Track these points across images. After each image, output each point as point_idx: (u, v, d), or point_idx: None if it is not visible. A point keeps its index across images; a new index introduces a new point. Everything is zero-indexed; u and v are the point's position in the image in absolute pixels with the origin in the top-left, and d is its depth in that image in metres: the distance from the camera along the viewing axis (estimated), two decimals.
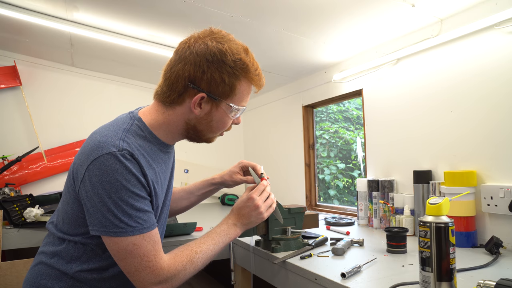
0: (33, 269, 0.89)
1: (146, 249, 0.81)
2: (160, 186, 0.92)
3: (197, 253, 0.89)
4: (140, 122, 0.89)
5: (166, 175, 0.97)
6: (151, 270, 0.81)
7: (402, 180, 1.76)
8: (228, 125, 0.95)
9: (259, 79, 0.92)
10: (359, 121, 3.40)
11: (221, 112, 0.90)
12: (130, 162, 0.80)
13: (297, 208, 1.35)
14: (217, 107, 0.89)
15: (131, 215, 0.79)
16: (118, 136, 0.82)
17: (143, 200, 0.83)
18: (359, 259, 1.17)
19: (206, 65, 0.84)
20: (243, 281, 1.54)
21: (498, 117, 1.36)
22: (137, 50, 2.16)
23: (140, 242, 0.80)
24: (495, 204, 1.32)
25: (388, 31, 1.71)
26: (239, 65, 0.86)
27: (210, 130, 0.93)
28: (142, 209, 0.82)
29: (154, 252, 0.82)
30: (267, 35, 1.84)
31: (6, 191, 2.02)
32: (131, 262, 0.80)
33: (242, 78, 0.88)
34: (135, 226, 0.80)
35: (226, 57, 0.84)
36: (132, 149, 0.82)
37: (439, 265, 0.80)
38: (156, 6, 1.64)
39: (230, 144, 3.36)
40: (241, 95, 0.90)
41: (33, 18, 1.84)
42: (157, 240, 0.84)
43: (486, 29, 1.39)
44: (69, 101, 2.68)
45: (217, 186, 1.22)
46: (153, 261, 0.81)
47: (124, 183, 0.78)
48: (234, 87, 0.88)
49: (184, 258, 0.87)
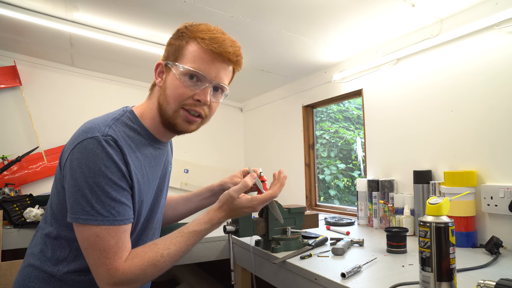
0: (22, 271, 0.87)
1: (108, 244, 0.76)
2: (145, 180, 0.89)
3: (163, 256, 0.82)
4: (131, 114, 0.90)
5: (155, 172, 0.94)
6: (107, 268, 0.76)
7: (402, 180, 1.76)
8: (182, 92, 0.85)
9: (209, 39, 0.84)
10: (359, 121, 3.40)
11: (171, 76, 0.86)
12: (113, 148, 0.78)
13: (297, 208, 1.35)
14: (169, 71, 0.88)
15: (104, 203, 0.76)
16: (106, 124, 0.82)
17: (121, 191, 0.79)
18: (359, 259, 1.17)
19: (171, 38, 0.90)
20: (243, 281, 1.54)
21: (498, 117, 1.36)
22: (137, 50, 2.16)
23: (104, 235, 0.76)
24: (495, 204, 1.32)
25: (388, 31, 1.71)
26: (192, 29, 0.87)
27: (166, 100, 0.87)
28: (118, 200, 0.78)
29: (116, 249, 0.77)
30: (267, 35, 1.84)
31: (6, 191, 2.02)
32: (91, 254, 0.77)
33: (189, 40, 0.87)
34: (106, 216, 0.76)
35: (184, 26, 0.89)
36: (117, 136, 0.81)
37: (439, 265, 0.80)
38: (156, 6, 1.64)
39: (230, 144, 3.36)
40: (190, 55, 0.85)
41: (33, 18, 1.84)
42: (123, 237, 0.79)
43: (486, 29, 1.39)
44: (69, 101, 2.68)
45: (216, 192, 1.19)
46: (111, 258, 0.76)
47: (102, 168, 0.76)
48: (181, 47, 0.87)
49: (145, 261, 0.80)
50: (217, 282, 2.32)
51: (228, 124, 3.35)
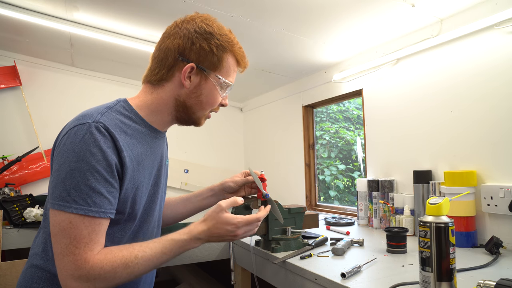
0: (25, 273, 0.86)
1: (81, 233, 0.72)
2: (141, 168, 0.86)
3: (137, 258, 0.76)
4: (126, 103, 0.89)
5: (152, 161, 0.92)
6: (74, 258, 0.71)
7: (402, 180, 1.76)
8: (217, 100, 0.93)
9: (243, 57, 0.94)
10: (359, 121, 3.40)
11: (210, 85, 0.89)
12: (103, 135, 0.77)
13: (297, 208, 1.35)
14: (206, 79, 0.89)
15: (82, 191, 0.73)
16: (98, 111, 0.82)
17: (103, 181, 0.75)
18: (359, 259, 1.17)
19: (195, 36, 0.86)
20: (243, 281, 1.54)
21: (498, 117, 1.36)
22: (137, 50, 2.16)
23: (77, 223, 0.72)
24: (495, 204, 1.32)
25: (388, 31, 1.71)
26: (225, 39, 0.89)
27: (200, 105, 0.90)
28: (97, 190, 0.74)
29: (88, 240, 0.73)
30: (267, 35, 1.84)
31: (6, 191, 2.02)
32: (60, 241, 0.72)
33: (228, 52, 0.90)
34: (81, 205, 0.72)
35: (213, 29, 0.88)
36: (109, 123, 0.80)
37: (439, 265, 0.80)
38: (156, 6, 1.64)
39: (230, 144, 3.36)
40: (228, 69, 0.90)
41: (33, 18, 1.84)
42: (98, 230, 0.75)
43: (486, 29, 1.39)
44: (69, 101, 2.68)
45: (217, 191, 1.19)
46: (80, 249, 0.72)
47: (87, 154, 0.74)
48: (221, 59, 0.89)
49: (118, 259, 0.75)
50: (217, 282, 2.32)
51: (228, 124, 3.35)
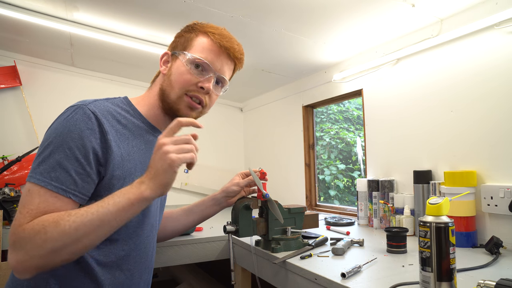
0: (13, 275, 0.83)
1: (31, 201, 0.71)
2: (133, 159, 0.86)
3: (70, 215, 0.69)
4: (125, 100, 0.94)
5: (146, 159, 0.90)
6: (15, 223, 0.70)
7: (402, 180, 1.76)
8: (187, 78, 0.89)
9: (218, 34, 0.92)
10: (359, 121, 3.40)
11: (178, 63, 0.92)
12: (86, 116, 0.79)
13: (297, 208, 1.35)
14: (176, 59, 0.93)
15: (49, 165, 0.73)
16: (94, 99, 0.86)
17: (73, 160, 0.74)
18: (359, 259, 1.17)
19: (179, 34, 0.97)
20: (243, 281, 1.54)
21: (498, 117, 1.36)
22: (137, 50, 2.16)
23: (33, 192, 0.72)
24: (495, 204, 1.32)
25: (388, 31, 1.71)
26: (200, 24, 0.95)
27: (171, 85, 0.91)
28: (64, 166, 0.73)
29: (35, 210, 0.70)
30: (267, 35, 1.84)
31: (6, 191, 2.02)
32: (18, 206, 0.73)
33: (198, 32, 0.94)
34: (44, 177, 0.72)
35: (193, 23, 0.96)
36: (98, 108, 0.83)
37: (439, 265, 0.80)
38: (156, 6, 1.64)
39: (230, 144, 3.36)
40: (199, 47, 0.92)
41: (33, 18, 1.84)
42: (52, 207, 0.71)
43: (486, 29, 1.39)
44: (69, 101, 2.63)
45: (219, 200, 1.20)
46: (23, 214, 0.70)
47: (65, 132, 0.76)
48: (190, 39, 0.93)
49: (50, 218, 0.69)
50: (217, 282, 2.32)
51: (228, 124, 3.35)
